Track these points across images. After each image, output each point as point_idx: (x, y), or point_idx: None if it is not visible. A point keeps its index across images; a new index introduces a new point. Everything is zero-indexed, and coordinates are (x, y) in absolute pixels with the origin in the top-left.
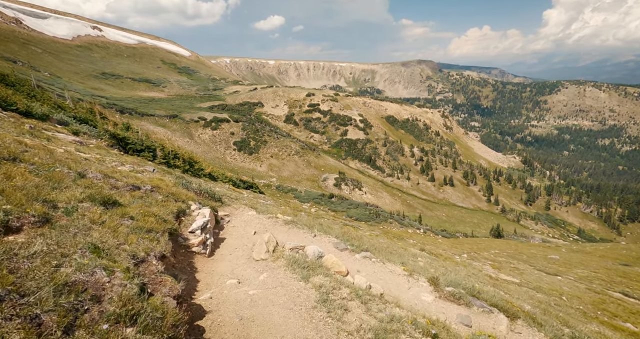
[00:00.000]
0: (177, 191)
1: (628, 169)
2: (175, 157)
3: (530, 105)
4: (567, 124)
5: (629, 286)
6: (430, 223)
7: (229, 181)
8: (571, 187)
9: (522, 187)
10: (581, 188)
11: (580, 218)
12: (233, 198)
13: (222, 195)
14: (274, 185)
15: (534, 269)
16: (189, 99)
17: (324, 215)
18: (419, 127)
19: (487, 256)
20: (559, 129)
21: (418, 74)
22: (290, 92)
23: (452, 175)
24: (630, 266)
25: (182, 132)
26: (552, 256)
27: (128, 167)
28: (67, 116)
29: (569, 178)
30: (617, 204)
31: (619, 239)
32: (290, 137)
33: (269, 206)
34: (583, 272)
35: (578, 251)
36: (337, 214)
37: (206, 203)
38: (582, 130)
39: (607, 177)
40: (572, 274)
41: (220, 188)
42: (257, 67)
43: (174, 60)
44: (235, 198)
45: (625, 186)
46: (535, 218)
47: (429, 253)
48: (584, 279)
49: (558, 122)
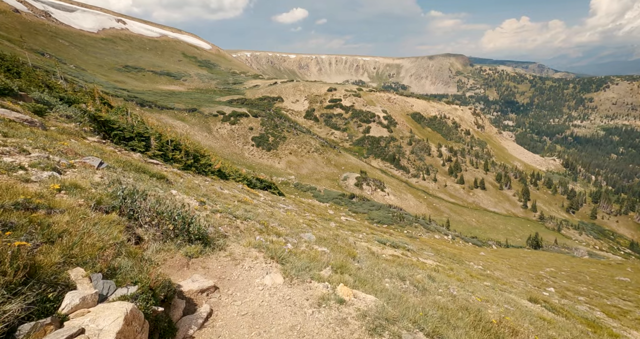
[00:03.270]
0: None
1: None
2: (175, 148)
3: (572, 103)
4: (616, 124)
5: None
6: (459, 229)
7: (243, 179)
8: (621, 194)
9: (564, 192)
10: (633, 196)
11: (633, 230)
12: (239, 218)
13: (221, 213)
14: (293, 183)
15: (634, 306)
16: (208, 93)
17: (358, 225)
18: (447, 126)
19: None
20: (606, 129)
21: (447, 69)
22: (311, 86)
23: (483, 177)
24: None
25: (200, 126)
26: (621, 278)
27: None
28: (52, 96)
29: (619, 184)
30: None
31: None
32: (310, 133)
33: (300, 230)
34: None
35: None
36: (359, 216)
37: (142, 271)
38: (635, 131)
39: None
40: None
41: (228, 190)
42: (277, 62)
43: (195, 54)
44: (243, 217)
45: None
46: (579, 228)
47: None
48: None
49: (605, 122)
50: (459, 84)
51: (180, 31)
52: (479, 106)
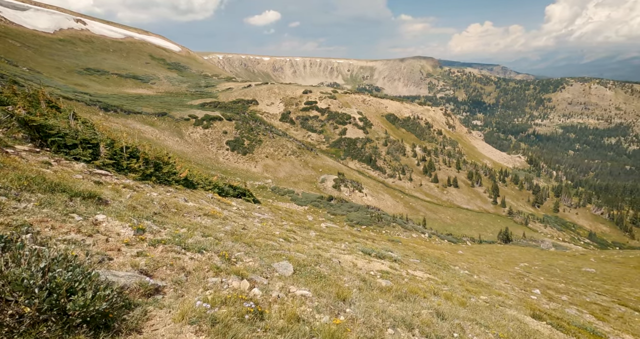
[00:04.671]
0: None
1: (636, 169)
2: (132, 156)
3: (533, 103)
4: (572, 122)
5: None
6: (435, 227)
7: (214, 187)
8: (579, 188)
9: (529, 188)
10: (590, 189)
11: (591, 221)
12: (190, 249)
13: (165, 244)
14: (270, 187)
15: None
16: (179, 96)
17: (339, 232)
18: (420, 126)
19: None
20: (563, 127)
21: (418, 71)
22: (286, 89)
23: (456, 176)
24: None
25: (171, 131)
26: (587, 269)
27: None
28: None
29: (576, 178)
30: (629, 206)
31: (632, 242)
32: (287, 136)
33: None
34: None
35: (608, 261)
36: (338, 218)
37: None
38: (588, 128)
39: (614, 178)
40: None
41: (194, 202)
42: (251, 64)
43: (164, 56)
44: (196, 248)
45: (634, 187)
46: (543, 221)
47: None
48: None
49: (563, 121)
50: (429, 86)
51: (147, 32)
52: (449, 106)
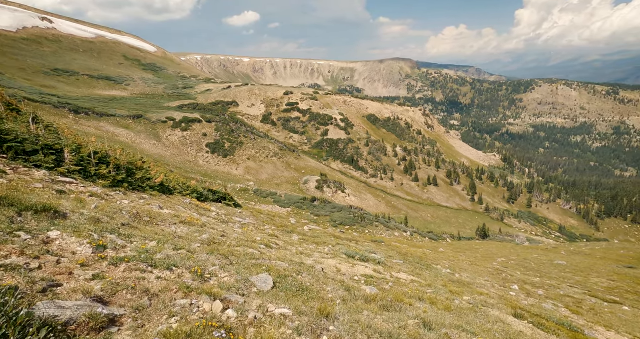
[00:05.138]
0: None
1: (599, 165)
2: (102, 162)
3: (506, 103)
4: (542, 121)
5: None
6: (416, 225)
7: (192, 192)
8: (550, 184)
9: (504, 185)
10: (559, 185)
11: (561, 215)
12: (157, 267)
13: (129, 262)
14: (252, 189)
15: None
16: (155, 98)
17: (322, 235)
18: (400, 126)
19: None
20: (534, 126)
21: (397, 73)
22: (267, 90)
23: (435, 174)
24: (636, 268)
25: (147, 133)
26: (559, 262)
27: None
28: None
29: (547, 175)
30: (594, 200)
31: (598, 234)
32: (268, 138)
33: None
34: (602, 281)
35: (577, 253)
36: (321, 219)
37: None
38: (556, 127)
39: (580, 174)
40: (600, 289)
41: (169, 209)
42: (230, 65)
43: (138, 56)
44: (164, 265)
45: (599, 182)
46: (518, 216)
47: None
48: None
49: (533, 120)
50: (408, 87)
51: (120, 32)
52: (427, 107)
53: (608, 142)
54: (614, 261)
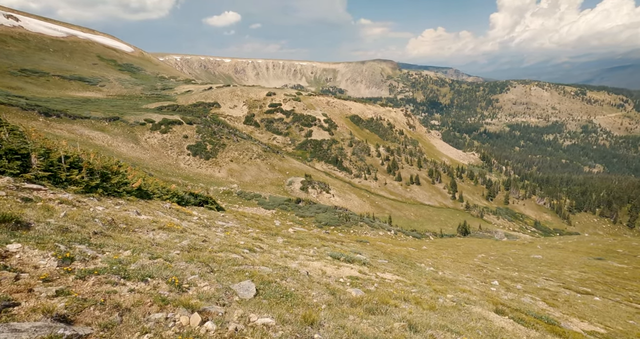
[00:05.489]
0: None
1: (570, 162)
2: (73, 166)
3: (483, 103)
4: (517, 121)
5: (625, 286)
6: (400, 223)
7: (173, 196)
8: (525, 181)
9: (483, 183)
10: (534, 182)
11: (536, 210)
12: (131, 278)
13: (99, 274)
14: (235, 192)
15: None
16: (133, 100)
17: (307, 237)
18: (383, 127)
19: (480, 265)
20: (510, 126)
21: (379, 74)
22: (249, 91)
23: (417, 174)
24: (604, 259)
25: (125, 136)
26: (535, 256)
27: None
28: None
29: (522, 172)
30: (566, 196)
31: (570, 228)
32: (252, 139)
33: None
34: (574, 273)
35: (552, 247)
36: (306, 220)
37: None
38: (530, 126)
39: (553, 170)
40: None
41: (148, 215)
42: (211, 66)
43: (114, 57)
44: (139, 276)
45: (569, 178)
46: (496, 213)
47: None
48: (585, 284)
49: (509, 120)
50: (390, 88)
51: (94, 31)
52: (409, 107)
53: (577, 141)
54: (585, 254)
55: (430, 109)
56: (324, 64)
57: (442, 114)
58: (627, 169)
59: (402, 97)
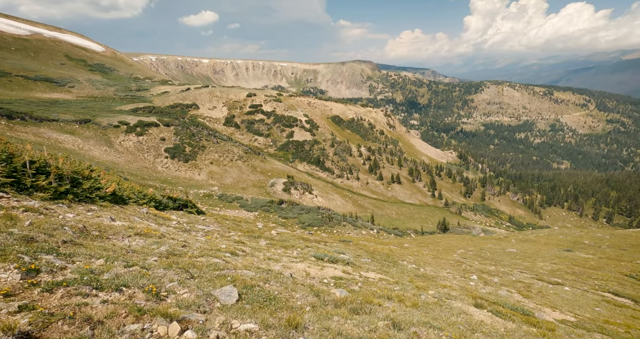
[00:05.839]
0: None
1: (540, 159)
2: (40, 172)
3: (460, 103)
4: (491, 120)
5: (592, 276)
6: (382, 222)
7: (150, 200)
8: (500, 178)
9: (461, 180)
10: (508, 178)
11: (510, 206)
12: (103, 289)
13: (68, 286)
14: (216, 194)
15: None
16: (105, 101)
17: (290, 238)
18: (364, 127)
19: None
20: (485, 125)
21: (359, 74)
22: (228, 92)
23: (398, 173)
24: (572, 251)
25: (97, 139)
26: (510, 250)
27: None
28: None
29: (497, 170)
30: (537, 191)
31: (541, 222)
32: (232, 141)
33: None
34: (546, 265)
35: (525, 241)
36: (290, 221)
37: None
38: (503, 125)
39: (525, 167)
40: (545, 273)
41: (123, 220)
42: (189, 66)
43: (84, 56)
44: (112, 286)
45: (540, 174)
46: (474, 209)
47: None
48: (555, 275)
49: (484, 119)
50: (370, 88)
51: (61, 30)
52: (389, 107)
53: (546, 138)
54: (555, 246)
55: (409, 109)
56: (304, 64)
57: (420, 114)
58: (590, 165)
59: (382, 97)
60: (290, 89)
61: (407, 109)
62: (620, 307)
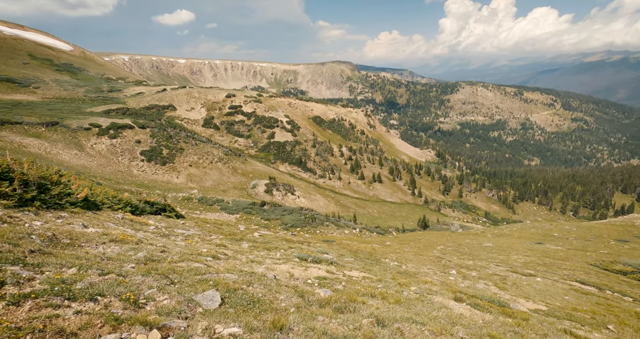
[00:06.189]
0: None
1: (512, 156)
2: (2, 178)
3: (437, 103)
4: (467, 119)
5: (561, 266)
6: (364, 221)
7: (125, 205)
8: (476, 175)
9: (439, 178)
10: (483, 175)
11: (486, 202)
12: (76, 299)
13: (36, 297)
14: (196, 197)
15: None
16: (75, 103)
17: (273, 240)
18: (345, 127)
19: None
20: (461, 124)
21: (339, 75)
22: (207, 93)
23: (379, 172)
24: (543, 243)
25: (66, 142)
26: (486, 244)
27: None
28: None
29: (473, 167)
30: (510, 187)
31: (515, 217)
32: (212, 142)
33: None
34: (520, 258)
35: (500, 235)
36: (272, 223)
37: None
38: (478, 124)
39: (499, 164)
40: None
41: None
42: (164, 67)
43: (49, 56)
44: (86, 295)
45: (513, 171)
46: (452, 206)
47: None
48: (528, 267)
49: (460, 118)
50: (350, 89)
51: (23, 27)
52: (369, 108)
53: (518, 136)
54: (527, 239)
55: (389, 109)
56: (284, 65)
57: (399, 114)
58: (558, 161)
59: (362, 98)
60: (271, 89)
61: (386, 109)
62: (587, 295)
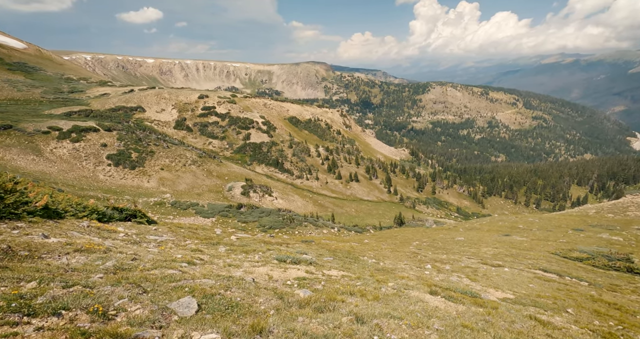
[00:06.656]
0: None
1: (481, 153)
2: None
3: (409, 103)
4: (438, 118)
5: (526, 256)
6: (343, 220)
7: (91, 212)
8: (447, 172)
9: (414, 176)
10: (454, 172)
11: (457, 198)
12: (37, 314)
13: None
14: (169, 202)
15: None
16: (30, 104)
17: (251, 242)
18: (321, 127)
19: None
20: (432, 123)
21: (314, 75)
22: (178, 94)
23: (356, 171)
24: (509, 235)
25: (22, 147)
26: (458, 238)
27: None
28: None
29: (445, 165)
30: (479, 183)
31: (484, 211)
32: (184, 145)
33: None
34: (489, 250)
35: (471, 229)
36: (250, 225)
37: None
38: (448, 123)
39: (468, 161)
40: (488, 257)
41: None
42: (131, 66)
43: (0, 54)
44: (49, 309)
45: (481, 167)
46: (426, 203)
47: None
48: (497, 258)
49: (431, 118)
50: (325, 89)
51: None
52: (344, 107)
53: (485, 134)
54: (496, 232)
55: (364, 109)
56: (258, 65)
57: (374, 114)
58: (521, 157)
59: (337, 98)
60: (245, 90)
61: (361, 109)
62: (549, 281)
